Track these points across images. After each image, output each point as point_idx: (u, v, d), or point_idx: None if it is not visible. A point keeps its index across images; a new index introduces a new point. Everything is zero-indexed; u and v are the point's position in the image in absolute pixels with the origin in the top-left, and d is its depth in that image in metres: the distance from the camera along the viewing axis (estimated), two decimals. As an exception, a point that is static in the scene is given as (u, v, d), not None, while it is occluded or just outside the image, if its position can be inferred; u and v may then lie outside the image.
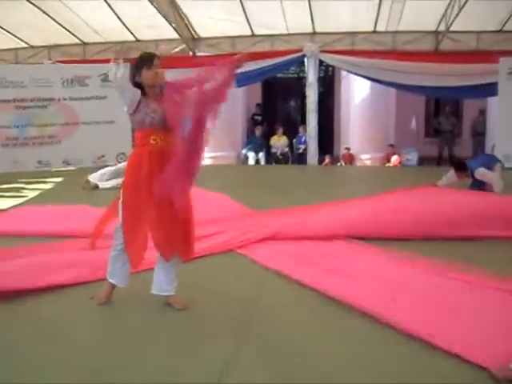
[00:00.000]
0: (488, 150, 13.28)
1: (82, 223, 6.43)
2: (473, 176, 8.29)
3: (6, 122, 11.53)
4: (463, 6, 10.57)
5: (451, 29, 11.83)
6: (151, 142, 3.84)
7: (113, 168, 9.88)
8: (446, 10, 11.51)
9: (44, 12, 12.68)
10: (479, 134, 14.63)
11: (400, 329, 3.42)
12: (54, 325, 3.71)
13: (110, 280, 4.04)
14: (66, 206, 7.39)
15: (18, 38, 14.22)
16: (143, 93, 3.89)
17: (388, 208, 6.65)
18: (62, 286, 4.32)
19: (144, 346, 3.34)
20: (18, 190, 9.67)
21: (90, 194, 9.00)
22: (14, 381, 2.96)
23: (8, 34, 13.94)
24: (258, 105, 17.31)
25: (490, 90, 12.25)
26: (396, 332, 3.41)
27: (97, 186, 9.47)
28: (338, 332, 3.54)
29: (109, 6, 12.39)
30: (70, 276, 4.49)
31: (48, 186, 10.10)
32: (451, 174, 8.69)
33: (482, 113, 14.85)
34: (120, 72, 3.91)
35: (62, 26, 13.37)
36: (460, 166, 8.49)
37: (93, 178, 9.65)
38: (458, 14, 10.95)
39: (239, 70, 3.93)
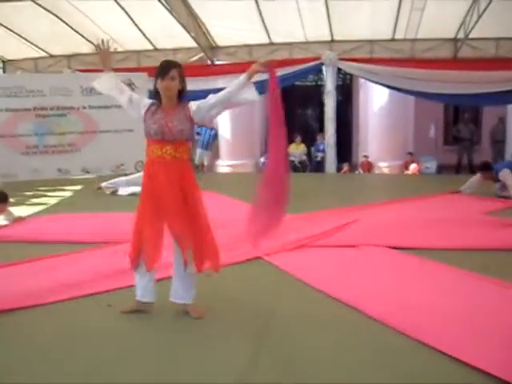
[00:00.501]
0: (508, 157, 13.17)
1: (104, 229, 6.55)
2: (497, 178, 8.52)
3: (25, 130, 11.62)
4: (482, 13, 10.51)
5: (470, 36, 11.76)
6: (150, 152, 3.85)
7: (133, 176, 9.97)
8: (464, 18, 11.46)
9: (64, 22, 12.82)
10: (499, 142, 14.50)
11: (424, 343, 3.35)
12: (72, 331, 3.71)
13: (143, 300, 3.97)
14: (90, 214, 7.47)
15: (38, 48, 14.38)
16: (159, 101, 3.88)
17: (420, 219, 6.79)
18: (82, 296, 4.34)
19: (157, 357, 3.31)
20: (38, 197, 9.74)
21: (109, 201, 9.03)
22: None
23: (28, 44, 14.10)
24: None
25: (510, 97, 12.17)
26: (423, 345, 3.34)
27: (115, 191, 9.57)
28: (358, 344, 3.48)
29: (128, 15, 12.49)
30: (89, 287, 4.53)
31: (67, 194, 10.16)
32: (475, 178, 8.86)
33: (502, 120, 14.72)
34: (101, 84, 4.29)
35: (81, 35, 13.50)
36: (485, 167, 8.73)
37: (107, 184, 9.79)
38: (477, 22, 10.89)
39: (258, 79, 3.94)
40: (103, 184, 9.84)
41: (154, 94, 3.89)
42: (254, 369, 3.12)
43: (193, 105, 3.85)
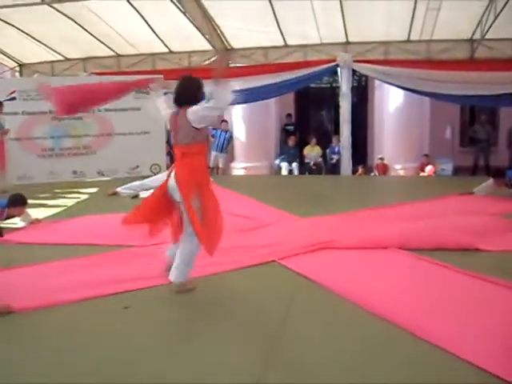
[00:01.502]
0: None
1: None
2: (511, 183, 8.39)
3: (42, 133, 11.73)
4: (499, 13, 10.42)
5: (486, 36, 11.66)
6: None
7: (148, 180, 10.00)
8: (481, 18, 11.37)
9: (80, 25, 12.89)
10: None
11: (444, 349, 3.32)
12: (86, 332, 3.73)
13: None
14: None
15: (55, 51, 14.47)
16: None
17: (434, 220, 6.77)
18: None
19: (170, 356, 3.32)
20: (53, 200, 9.79)
21: (124, 204, 9.05)
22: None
23: (44, 47, 14.19)
24: (288, 115, 17.27)
25: (527, 98, 12.08)
26: (439, 349, 3.31)
27: (137, 195, 9.60)
28: (371, 346, 3.45)
29: (143, 18, 12.53)
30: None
31: (83, 197, 10.20)
32: (489, 183, 8.73)
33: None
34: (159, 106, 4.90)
35: (97, 38, 13.57)
36: (498, 173, 8.60)
37: (122, 189, 9.81)
38: (493, 22, 10.80)
39: (273, 81, 4.10)
40: (118, 189, 9.85)
41: None
42: (266, 369, 3.12)
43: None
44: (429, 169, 14.28)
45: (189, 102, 4.47)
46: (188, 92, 4.54)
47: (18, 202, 7.10)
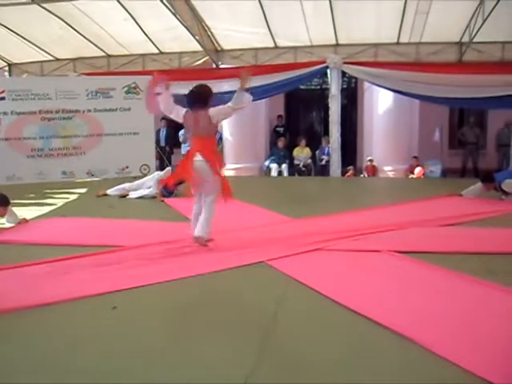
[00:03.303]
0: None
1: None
2: (500, 188, 8.41)
3: (31, 133, 11.69)
4: (487, 16, 10.50)
5: (475, 40, 11.75)
6: None
7: (136, 182, 10.01)
8: (469, 21, 11.46)
9: (70, 25, 12.87)
10: (504, 146, 14.46)
11: (432, 350, 3.31)
12: (76, 332, 3.72)
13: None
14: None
15: (44, 51, 14.44)
16: None
17: (422, 221, 6.96)
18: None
19: (161, 357, 3.32)
20: (42, 200, 9.76)
21: (114, 204, 9.06)
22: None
23: (34, 47, 14.16)
24: (279, 116, 17.30)
25: (516, 100, 12.16)
26: (424, 350, 3.33)
27: (125, 195, 9.62)
28: (363, 350, 3.46)
29: (133, 19, 12.53)
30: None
31: (72, 197, 10.18)
32: (477, 186, 8.78)
33: (507, 124, 14.68)
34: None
35: (87, 38, 13.56)
36: (487, 178, 8.62)
37: (112, 191, 9.83)
38: (482, 25, 10.89)
39: (263, 82, 4.30)
40: (108, 191, 9.85)
41: None
42: (257, 370, 3.12)
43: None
44: (418, 171, 14.35)
45: (202, 104, 5.76)
46: (202, 96, 5.82)
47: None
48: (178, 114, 5.92)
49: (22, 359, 3.31)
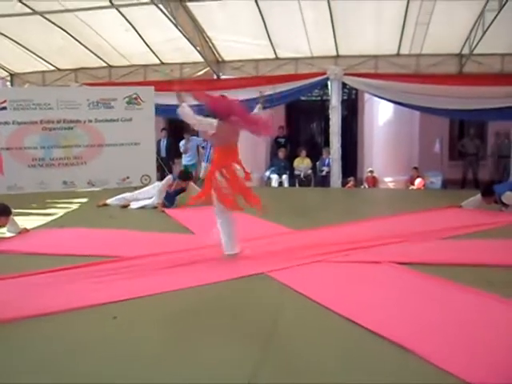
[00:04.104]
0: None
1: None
2: (500, 200, 8.40)
3: (32, 143, 11.69)
4: (487, 28, 10.55)
5: (475, 51, 11.81)
6: None
7: (138, 192, 10.05)
8: (469, 33, 11.51)
9: (71, 35, 12.94)
10: (504, 157, 14.49)
11: (422, 357, 3.34)
12: (75, 342, 3.73)
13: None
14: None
15: (46, 61, 14.51)
16: None
17: (423, 233, 6.96)
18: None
19: (162, 362, 3.32)
20: (43, 209, 9.77)
21: (114, 215, 9.08)
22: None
23: (36, 57, 14.23)
24: (280, 127, 17.34)
25: (516, 112, 12.21)
26: (421, 359, 3.34)
27: (127, 205, 9.62)
28: (361, 358, 3.47)
29: (135, 29, 12.59)
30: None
31: (73, 207, 10.19)
32: (477, 197, 8.78)
33: (507, 136, 14.72)
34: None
35: (88, 49, 13.63)
36: (487, 192, 8.62)
37: (113, 201, 9.85)
38: (482, 37, 10.93)
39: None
40: (108, 201, 9.88)
41: None
42: (257, 376, 3.14)
43: None
44: (418, 182, 14.34)
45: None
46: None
47: (1, 213, 7.07)
48: (212, 125, 5.87)
49: (21, 365, 3.34)
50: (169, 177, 9.86)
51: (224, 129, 5.88)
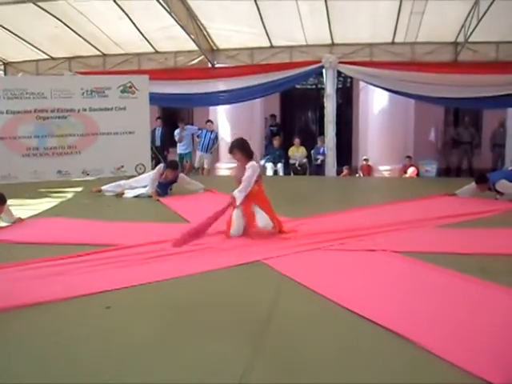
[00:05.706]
0: (508, 162, 13.21)
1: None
2: (494, 188, 8.43)
3: (26, 132, 11.64)
4: (482, 16, 10.52)
5: (470, 39, 11.78)
6: None
7: (133, 179, 10.03)
8: (464, 21, 11.49)
9: (66, 24, 12.86)
10: (499, 146, 14.51)
11: (420, 346, 3.33)
12: (71, 331, 3.72)
13: None
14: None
15: (39, 50, 14.42)
16: None
17: (419, 221, 6.99)
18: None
19: (155, 357, 3.31)
20: (37, 199, 9.73)
21: (109, 203, 9.07)
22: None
23: (29, 46, 14.14)
24: (272, 116, 17.30)
25: (510, 100, 12.19)
26: (422, 349, 3.33)
27: (121, 194, 9.60)
28: (359, 349, 3.45)
29: (129, 18, 12.52)
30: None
31: (68, 196, 10.16)
32: (472, 185, 8.80)
33: (502, 124, 14.73)
34: None
35: (82, 37, 13.55)
36: (481, 179, 8.65)
37: (107, 188, 9.83)
38: (477, 25, 10.91)
39: (258, 82, 4.23)
40: (103, 187, 9.85)
41: None
42: (252, 369, 3.13)
43: None
44: (411, 171, 14.36)
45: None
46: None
47: None
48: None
49: (17, 357, 3.32)
50: (160, 165, 9.83)
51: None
